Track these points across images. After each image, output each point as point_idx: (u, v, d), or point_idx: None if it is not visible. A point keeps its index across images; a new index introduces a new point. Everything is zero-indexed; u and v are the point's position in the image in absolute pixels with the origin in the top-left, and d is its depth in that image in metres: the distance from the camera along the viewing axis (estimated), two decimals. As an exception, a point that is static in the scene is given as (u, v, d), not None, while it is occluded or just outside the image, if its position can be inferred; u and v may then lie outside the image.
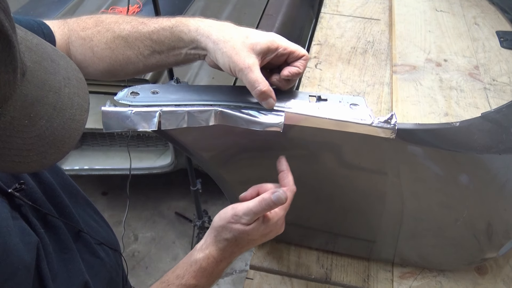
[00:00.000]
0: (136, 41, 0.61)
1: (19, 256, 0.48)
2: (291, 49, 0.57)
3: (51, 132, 0.40)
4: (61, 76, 0.42)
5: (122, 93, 0.56)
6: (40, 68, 0.40)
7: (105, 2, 2.02)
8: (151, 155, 1.90)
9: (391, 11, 1.40)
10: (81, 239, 0.63)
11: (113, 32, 0.62)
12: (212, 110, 0.55)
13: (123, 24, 0.63)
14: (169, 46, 0.60)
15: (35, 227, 0.54)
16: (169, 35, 0.59)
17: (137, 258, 1.98)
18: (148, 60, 0.62)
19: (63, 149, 0.41)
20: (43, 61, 0.41)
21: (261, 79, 0.55)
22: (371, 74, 1.16)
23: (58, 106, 0.40)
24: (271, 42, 0.56)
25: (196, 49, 0.59)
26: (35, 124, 0.38)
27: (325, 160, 0.67)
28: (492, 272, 0.84)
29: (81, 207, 0.69)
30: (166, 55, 0.61)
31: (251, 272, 0.86)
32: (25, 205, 0.55)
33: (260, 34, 0.57)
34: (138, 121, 0.54)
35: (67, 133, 0.41)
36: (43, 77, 0.40)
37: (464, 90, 1.07)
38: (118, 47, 0.62)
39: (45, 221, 0.58)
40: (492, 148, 0.61)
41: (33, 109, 0.38)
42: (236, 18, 1.91)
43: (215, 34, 0.56)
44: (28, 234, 0.52)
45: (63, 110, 0.41)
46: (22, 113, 0.37)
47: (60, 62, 0.43)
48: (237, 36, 0.56)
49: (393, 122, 0.55)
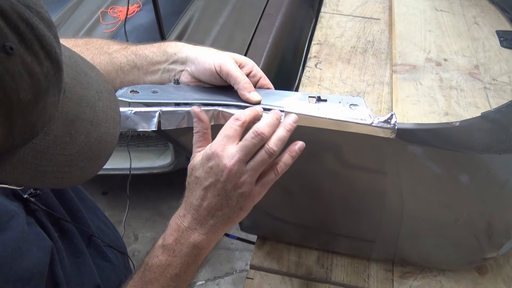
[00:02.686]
0: (120, 56, 0.62)
1: (34, 261, 0.49)
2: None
3: (89, 147, 0.40)
4: (95, 89, 0.43)
5: (122, 91, 0.56)
6: (77, 84, 0.41)
7: (105, 2, 2.02)
8: (151, 155, 1.90)
9: (391, 11, 1.40)
10: (92, 243, 0.64)
11: (101, 49, 0.63)
12: (212, 110, 0.55)
13: (113, 44, 0.64)
14: (151, 61, 0.61)
15: (50, 232, 0.55)
16: (155, 50, 0.61)
17: (137, 258, 1.98)
18: (126, 76, 0.62)
19: (99, 163, 0.42)
20: (79, 76, 0.42)
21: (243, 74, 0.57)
22: (371, 74, 1.16)
23: (94, 121, 0.41)
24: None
25: (175, 63, 0.60)
26: (75, 140, 0.39)
27: (325, 160, 0.67)
28: (493, 271, 0.84)
29: (91, 210, 0.70)
30: (144, 71, 0.61)
31: (251, 272, 0.86)
32: (40, 210, 0.56)
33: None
34: (138, 121, 0.54)
35: (103, 146, 0.42)
36: (80, 93, 0.40)
37: (464, 90, 1.07)
38: (102, 62, 0.62)
39: (58, 226, 0.59)
40: (492, 148, 0.61)
41: (73, 126, 0.39)
42: (236, 18, 1.91)
43: (199, 47, 0.60)
44: (42, 239, 0.53)
45: (99, 125, 0.41)
46: (64, 131, 0.38)
47: (92, 74, 0.44)
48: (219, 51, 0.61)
49: (393, 122, 0.55)
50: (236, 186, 0.51)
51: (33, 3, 0.34)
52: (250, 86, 0.57)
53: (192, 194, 0.53)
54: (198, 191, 0.52)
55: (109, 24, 1.89)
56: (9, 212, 0.51)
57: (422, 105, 1.02)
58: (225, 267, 1.94)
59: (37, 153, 0.37)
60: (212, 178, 0.51)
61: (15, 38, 0.31)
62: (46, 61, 0.34)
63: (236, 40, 1.78)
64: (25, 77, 0.32)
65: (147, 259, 0.54)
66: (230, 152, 0.50)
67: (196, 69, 0.58)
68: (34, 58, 0.32)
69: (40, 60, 0.33)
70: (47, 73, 0.34)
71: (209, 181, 0.51)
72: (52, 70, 0.34)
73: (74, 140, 0.39)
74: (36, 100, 0.34)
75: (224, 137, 0.51)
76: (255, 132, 0.50)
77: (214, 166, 0.50)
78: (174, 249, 0.52)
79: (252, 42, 1.73)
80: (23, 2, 0.32)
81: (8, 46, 0.30)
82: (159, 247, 0.54)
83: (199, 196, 0.52)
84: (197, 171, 0.52)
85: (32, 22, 0.32)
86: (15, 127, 0.33)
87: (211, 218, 0.52)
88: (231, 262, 1.96)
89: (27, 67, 0.32)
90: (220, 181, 0.50)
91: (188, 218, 0.52)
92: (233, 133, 0.51)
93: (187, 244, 0.52)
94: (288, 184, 0.68)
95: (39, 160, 0.37)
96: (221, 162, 0.50)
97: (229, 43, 1.76)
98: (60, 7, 1.99)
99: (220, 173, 0.50)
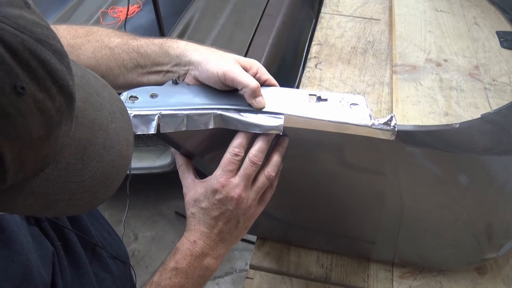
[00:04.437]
0: (122, 53, 0.61)
1: (39, 272, 0.49)
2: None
3: (102, 172, 0.39)
4: (107, 111, 0.41)
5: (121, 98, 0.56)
6: (89, 107, 0.39)
7: (105, 2, 2.02)
8: (150, 155, 1.90)
9: (391, 11, 1.40)
10: (95, 254, 0.63)
11: (102, 42, 0.62)
12: (212, 113, 0.55)
13: (114, 37, 0.63)
14: (154, 61, 0.60)
15: (53, 240, 0.55)
16: (157, 50, 0.60)
17: (137, 258, 1.98)
18: (129, 74, 0.61)
19: (111, 187, 0.40)
20: (91, 98, 0.39)
21: (250, 77, 0.56)
22: (371, 74, 1.17)
23: (107, 145, 0.39)
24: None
25: (178, 65, 0.59)
26: (88, 166, 0.38)
27: (324, 161, 0.67)
28: (492, 272, 0.84)
29: (95, 218, 0.69)
30: (147, 71, 0.61)
31: (251, 272, 0.87)
32: (44, 219, 0.55)
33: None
34: (137, 124, 0.54)
35: (115, 170, 0.40)
36: (92, 116, 0.38)
37: (464, 90, 1.07)
38: (104, 57, 0.61)
39: (62, 235, 0.58)
40: (492, 150, 0.61)
41: (86, 152, 0.37)
42: (236, 19, 1.91)
43: (201, 49, 0.59)
44: (45, 249, 0.52)
45: (111, 148, 0.40)
46: (76, 158, 0.37)
47: (104, 94, 0.42)
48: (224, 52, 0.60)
49: (393, 124, 0.55)
50: (244, 210, 0.58)
51: (45, 35, 0.32)
52: (257, 91, 0.55)
53: (200, 222, 0.58)
54: (207, 220, 0.58)
55: (110, 24, 1.89)
56: (14, 223, 0.50)
57: (422, 105, 1.03)
58: (224, 267, 1.94)
59: (49, 182, 0.35)
60: (222, 208, 0.57)
61: (27, 76, 0.29)
62: (59, 95, 0.32)
63: (236, 41, 1.78)
64: (37, 115, 0.30)
65: (158, 280, 0.57)
66: (234, 183, 0.56)
67: (200, 74, 0.58)
68: (46, 94, 0.31)
69: (52, 95, 0.31)
70: (59, 107, 0.32)
71: (218, 211, 0.57)
72: (65, 102, 0.33)
73: (86, 166, 0.37)
74: (48, 134, 0.32)
75: (226, 171, 0.56)
76: (251, 162, 0.56)
77: (222, 198, 0.57)
78: (187, 272, 0.57)
79: (252, 43, 1.73)
80: (35, 37, 0.31)
81: (19, 86, 0.29)
82: (172, 269, 0.57)
83: (210, 224, 0.58)
84: (202, 203, 0.58)
85: (44, 57, 0.31)
86: (26, 162, 0.32)
87: (222, 242, 0.59)
88: (231, 261, 1.97)
89: (39, 105, 0.30)
90: (230, 210, 0.57)
91: (200, 244, 0.58)
92: (233, 167, 0.56)
93: (200, 267, 0.58)
94: (288, 185, 0.68)
95: (51, 189, 0.35)
96: (228, 194, 0.56)
97: (229, 43, 1.76)
98: (60, 8, 1.99)
99: (230, 203, 0.57)
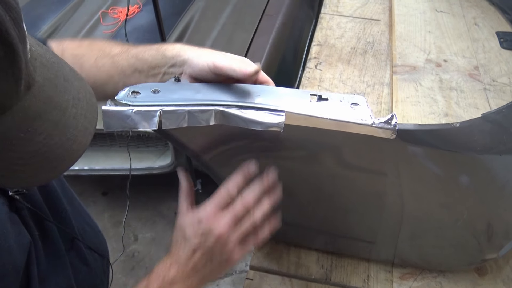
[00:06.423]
0: (122, 60, 0.62)
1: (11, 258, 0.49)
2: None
3: (49, 150, 0.38)
4: (71, 95, 0.41)
5: (123, 93, 0.56)
6: (50, 85, 0.39)
7: (105, 3, 2.02)
8: (151, 156, 1.90)
9: (391, 12, 1.40)
10: (74, 246, 0.64)
11: (103, 52, 0.64)
12: (213, 109, 0.55)
13: (115, 46, 0.64)
14: (151, 65, 0.61)
15: (31, 230, 0.55)
16: (154, 53, 0.61)
17: (137, 259, 1.98)
18: (128, 79, 0.62)
19: (59, 168, 0.40)
20: (56, 79, 0.40)
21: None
22: (371, 75, 1.17)
23: (60, 125, 0.39)
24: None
25: (174, 66, 0.60)
26: (32, 139, 0.37)
27: (324, 160, 0.67)
28: (492, 273, 0.84)
29: (77, 211, 0.69)
30: (145, 75, 0.62)
31: (251, 273, 0.86)
32: (25, 208, 0.56)
33: None
34: (139, 120, 0.54)
35: (66, 153, 0.40)
36: (50, 94, 0.39)
37: (464, 91, 1.07)
38: (105, 65, 0.63)
39: (41, 225, 0.58)
40: (492, 149, 0.61)
41: (33, 123, 0.37)
42: (236, 19, 1.91)
43: (196, 48, 0.60)
44: (23, 236, 0.52)
45: (65, 129, 0.39)
46: (20, 126, 0.36)
47: (74, 82, 0.43)
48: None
49: (394, 122, 0.55)
50: (222, 252, 0.57)
51: None
52: (247, 64, 0.56)
53: (180, 249, 0.59)
54: (186, 249, 0.58)
55: (110, 25, 1.89)
56: None
57: (422, 106, 1.03)
58: (224, 268, 1.94)
59: None
60: (201, 241, 0.57)
61: None
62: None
63: (236, 41, 1.79)
64: None
65: None
66: (221, 220, 0.56)
67: (193, 71, 0.59)
68: None
69: None
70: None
71: (197, 243, 0.57)
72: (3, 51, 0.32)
73: (30, 138, 0.37)
74: None
75: (216, 206, 0.57)
76: (244, 205, 0.57)
77: (205, 231, 0.57)
78: None
79: (252, 43, 1.74)
80: None
81: None
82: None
83: (187, 254, 0.58)
84: (186, 230, 0.59)
85: None
86: None
87: (195, 273, 0.58)
88: (231, 262, 1.97)
89: None
90: (207, 246, 0.57)
91: (173, 271, 0.58)
92: (223, 203, 0.57)
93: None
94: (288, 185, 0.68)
95: None
96: (212, 228, 0.56)
97: (229, 44, 1.77)
98: (60, 8, 1.99)
99: (210, 239, 0.56)
